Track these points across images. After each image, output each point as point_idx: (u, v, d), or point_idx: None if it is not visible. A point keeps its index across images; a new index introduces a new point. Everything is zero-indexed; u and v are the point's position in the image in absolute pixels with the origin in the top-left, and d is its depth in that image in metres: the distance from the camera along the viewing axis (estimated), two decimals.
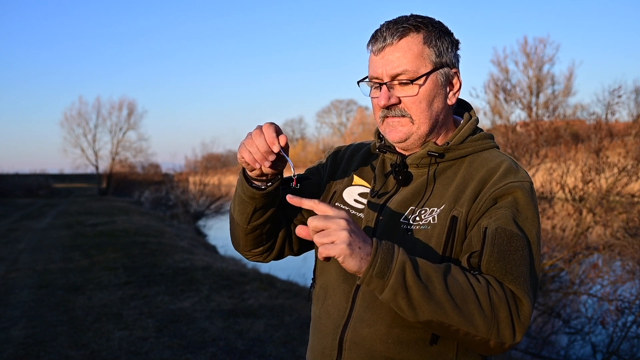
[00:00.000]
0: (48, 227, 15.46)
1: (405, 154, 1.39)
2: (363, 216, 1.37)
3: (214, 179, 25.72)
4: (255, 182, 1.35)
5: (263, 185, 1.34)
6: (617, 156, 7.34)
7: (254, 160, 1.25)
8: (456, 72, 1.35)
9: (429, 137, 1.34)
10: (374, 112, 1.37)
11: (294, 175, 1.28)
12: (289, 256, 1.56)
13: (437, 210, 1.28)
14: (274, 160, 1.25)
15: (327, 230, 1.08)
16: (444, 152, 1.33)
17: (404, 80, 1.28)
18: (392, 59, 1.28)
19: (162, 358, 4.60)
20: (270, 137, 1.22)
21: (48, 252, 10.57)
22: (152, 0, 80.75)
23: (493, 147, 1.38)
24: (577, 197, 7.43)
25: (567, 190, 7.53)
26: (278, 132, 1.23)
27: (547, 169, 7.79)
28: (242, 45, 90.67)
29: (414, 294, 1.10)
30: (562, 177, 7.51)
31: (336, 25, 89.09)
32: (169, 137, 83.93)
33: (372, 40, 1.33)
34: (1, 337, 5.18)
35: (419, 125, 1.31)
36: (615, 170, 7.18)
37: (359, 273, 1.11)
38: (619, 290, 6.55)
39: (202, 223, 21.28)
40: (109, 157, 41.04)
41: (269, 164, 1.24)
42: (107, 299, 6.59)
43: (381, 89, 1.30)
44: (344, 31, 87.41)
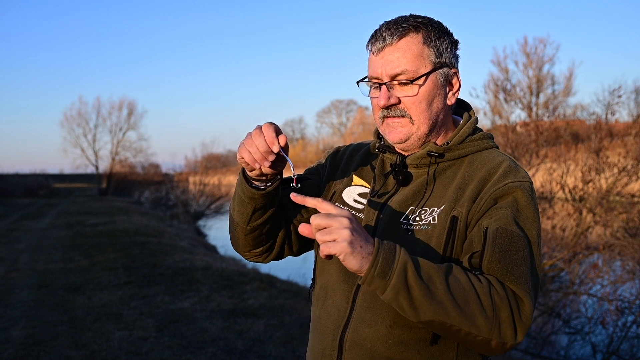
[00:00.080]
0: (48, 227, 15.45)
1: (405, 154, 1.38)
2: (363, 216, 1.37)
3: (214, 179, 25.73)
4: (255, 182, 1.35)
5: (263, 185, 1.34)
6: (617, 156, 7.33)
7: (253, 161, 1.25)
8: (455, 72, 1.36)
9: (428, 137, 1.34)
10: (373, 112, 1.37)
11: (294, 175, 1.28)
12: (289, 256, 1.56)
13: (437, 210, 1.28)
14: (274, 160, 1.25)
15: (330, 228, 1.09)
16: (443, 152, 1.33)
17: (404, 81, 1.28)
18: (392, 59, 1.28)
19: (162, 358, 4.60)
20: (270, 137, 1.21)
21: (48, 252, 10.57)
22: (152, 0, 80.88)
23: (492, 147, 1.38)
24: (577, 197, 7.42)
25: (567, 190, 7.52)
26: (278, 132, 1.23)
27: (547, 169, 7.79)
28: (242, 45, 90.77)
29: (415, 294, 1.10)
30: (562, 177, 7.50)
31: (336, 25, 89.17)
32: (169, 137, 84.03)
33: (372, 41, 1.32)
34: (1, 337, 5.18)
35: (418, 126, 1.31)
36: (615, 170, 7.17)
37: (360, 272, 1.11)
38: (619, 290, 6.54)
39: (202, 223, 21.28)
40: (109, 157, 41.09)
41: (269, 164, 1.24)
42: (107, 299, 6.59)
43: (381, 89, 1.30)
44: (344, 31, 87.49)
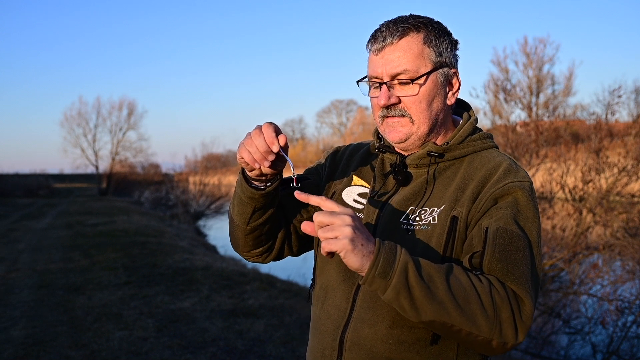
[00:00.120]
0: (48, 227, 15.45)
1: (405, 154, 1.38)
2: (363, 216, 1.37)
3: (214, 179, 25.73)
4: (255, 182, 1.34)
5: (262, 185, 1.34)
6: (617, 156, 7.33)
7: (253, 160, 1.25)
8: (455, 72, 1.36)
9: (428, 137, 1.34)
10: (373, 112, 1.37)
11: (294, 174, 1.28)
12: (289, 256, 1.55)
13: (437, 210, 1.27)
14: (274, 160, 1.24)
15: (332, 225, 1.09)
16: (443, 152, 1.33)
17: (404, 80, 1.28)
18: (392, 59, 1.28)
19: (162, 358, 4.60)
20: (270, 137, 1.21)
21: (48, 252, 10.57)
22: (152, 0, 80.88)
23: (492, 147, 1.38)
24: (577, 197, 7.42)
25: (567, 190, 7.52)
26: (277, 132, 1.23)
27: (547, 169, 7.78)
28: (242, 45, 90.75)
29: (416, 294, 1.10)
30: (562, 177, 7.50)
31: (336, 25, 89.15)
32: (169, 137, 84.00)
33: (372, 40, 1.32)
34: (1, 337, 5.18)
35: (418, 125, 1.31)
36: (615, 170, 7.17)
37: (361, 271, 1.11)
38: (619, 290, 6.54)
39: (202, 223, 21.28)
40: (109, 157, 41.09)
41: (269, 164, 1.24)
42: (107, 299, 6.59)
43: (381, 88, 1.30)
44: (344, 31, 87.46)
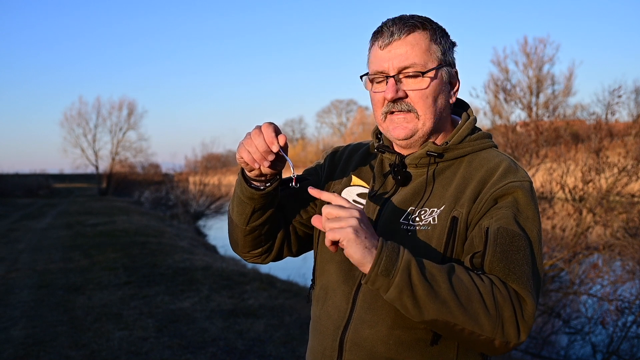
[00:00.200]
0: (48, 227, 15.45)
1: (404, 154, 1.38)
2: None
3: (214, 179, 25.72)
4: (254, 182, 1.34)
5: (262, 185, 1.34)
6: (617, 156, 7.33)
7: (253, 160, 1.25)
8: (456, 72, 1.37)
9: (431, 135, 1.34)
10: (375, 108, 1.36)
11: (294, 174, 1.28)
12: (288, 257, 1.55)
13: (437, 210, 1.27)
14: (273, 160, 1.25)
15: (339, 217, 1.11)
16: (442, 152, 1.33)
17: (412, 73, 1.28)
18: (401, 52, 1.28)
19: (162, 358, 4.60)
20: (270, 136, 1.21)
21: (48, 252, 10.57)
22: (152, 0, 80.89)
23: (491, 147, 1.38)
24: (577, 197, 7.41)
25: (567, 190, 7.51)
26: (277, 131, 1.23)
27: (547, 169, 7.78)
28: (242, 45, 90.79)
29: (419, 292, 1.10)
30: (562, 177, 7.50)
31: (336, 25, 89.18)
32: (169, 137, 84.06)
33: (377, 35, 1.32)
34: (1, 337, 5.18)
35: (424, 121, 1.31)
36: (615, 170, 7.17)
37: (361, 264, 1.11)
38: (619, 290, 6.54)
39: (202, 223, 21.28)
40: (109, 157, 41.11)
41: (268, 163, 1.24)
42: (107, 299, 6.59)
43: (387, 82, 1.29)
44: (344, 31, 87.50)
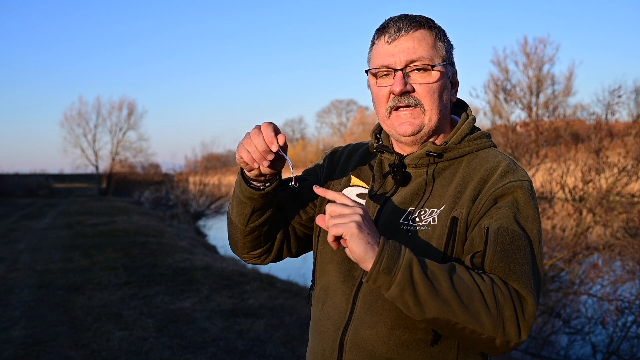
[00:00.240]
0: (48, 227, 15.45)
1: (404, 154, 1.38)
2: None
3: (214, 179, 25.72)
4: (254, 182, 1.34)
5: (261, 185, 1.34)
6: (617, 156, 7.32)
7: (252, 160, 1.25)
8: (456, 72, 1.38)
9: (433, 134, 1.34)
10: (378, 104, 1.34)
11: (293, 174, 1.28)
12: (288, 258, 1.55)
13: (437, 211, 1.27)
14: (273, 159, 1.25)
15: (343, 214, 1.12)
16: (442, 151, 1.33)
17: (420, 67, 1.28)
18: (409, 46, 1.29)
19: (162, 358, 4.60)
20: (269, 136, 1.22)
21: (48, 252, 10.57)
22: (152, 0, 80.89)
23: (490, 146, 1.38)
24: (577, 197, 7.41)
25: (567, 190, 7.51)
26: (276, 131, 1.23)
27: (547, 169, 7.78)
28: (242, 45, 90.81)
29: (420, 291, 1.10)
30: (562, 177, 7.50)
31: (336, 25, 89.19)
32: (169, 137, 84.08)
33: (383, 31, 1.32)
34: (1, 337, 5.18)
35: (430, 117, 1.31)
36: (615, 170, 7.16)
37: (362, 261, 1.11)
38: (619, 290, 6.54)
39: (202, 223, 21.28)
40: (109, 157, 41.11)
41: (268, 163, 1.24)
42: (107, 299, 6.59)
43: (395, 75, 1.29)
44: (344, 31, 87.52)
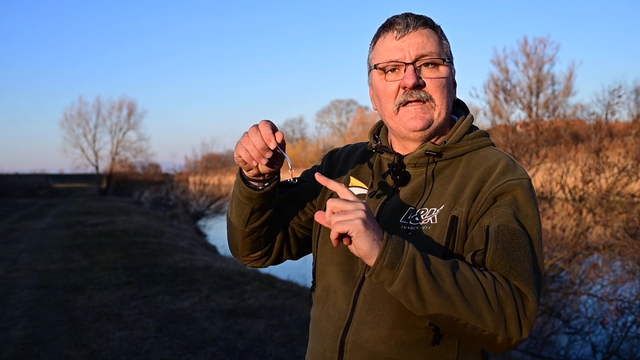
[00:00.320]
0: (48, 227, 15.45)
1: (403, 154, 1.38)
2: None
3: (214, 179, 25.73)
4: (253, 182, 1.35)
5: (260, 185, 1.34)
6: (617, 156, 7.32)
7: (250, 158, 1.25)
8: (455, 72, 1.38)
9: (438, 131, 1.34)
10: (386, 100, 1.33)
11: (291, 170, 1.28)
12: (289, 259, 1.55)
13: (437, 210, 1.27)
14: (271, 157, 1.25)
15: (345, 210, 1.10)
16: (441, 151, 1.33)
17: (430, 61, 1.29)
18: (418, 41, 1.29)
19: (162, 358, 4.60)
20: (267, 134, 1.22)
21: (48, 252, 10.57)
22: (152, 0, 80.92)
23: (489, 145, 1.38)
24: (577, 197, 7.41)
25: (567, 190, 7.51)
26: (274, 129, 1.23)
27: (547, 169, 7.78)
28: (242, 45, 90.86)
29: (423, 286, 1.10)
30: (562, 177, 7.49)
31: (336, 25, 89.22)
32: (169, 137, 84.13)
33: (391, 27, 1.32)
34: (1, 337, 5.18)
35: (439, 112, 1.31)
36: (615, 170, 7.16)
37: (368, 257, 1.10)
38: (619, 290, 6.54)
39: (202, 223, 21.28)
40: (109, 157, 41.10)
41: (266, 161, 1.24)
42: (107, 299, 6.59)
43: (406, 69, 1.29)
44: (344, 31, 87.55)
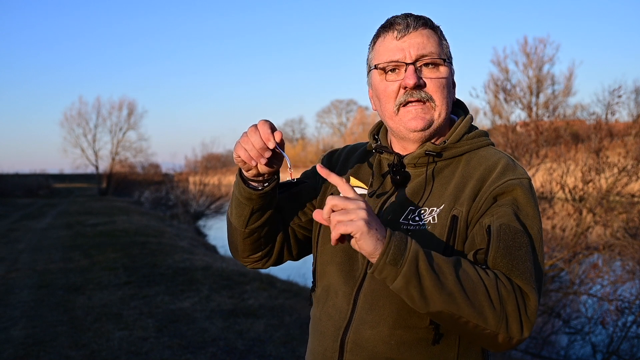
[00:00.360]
0: (48, 227, 15.45)
1: (402, 154, 1.38)
2: None
3: (214, 179, 25.74)
4: (252, 183, 1.35)
5: (260, 185, 1.34)
6: (617, 156, 7.32)
7: (249, 158, 1.25)
8: (454, 72, 1.38)
9: (439, 131, 1.34)
10: (386, 101, 1.33)
11: (290, 169, 1.27)
12: (290, 260, 1.55)
13: (437, 210, 1.27)
14: (270, 157, 1.25)
15: (346, 209, 1.09)
16: (441, 151, 1.33)
17: (431, 61, 1.29)
18: (419, 41, 1.29)
19: (162, 358, 4.60)
20: (266, 133, 1.22)
21: (48, 252, 10.57)
22: (152, 0, 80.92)
23: (489, 145, 1.38)
24: (577, 197, 7.41)
25: (567, 190, 7.51)
26: (273, 128, 1.23)
27: (547, 169, 7.78)
28: (242, 45, 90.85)
29: (426, 283, 1.09)
30: (562, 177, 7.49)
31: (336, 25, 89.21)
32: (169, 137, 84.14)
33: (391, 27, 1.32)
34: (1, 337, 5.18)
35: (439, 112, 1.31)
36: (615, 170, 7.16)
37: (372, 256, 1.10)
38: (619, 290, 6.54)
39: (202, 223, 21.29)
40: (109, 157, 41.10)
41: (265, 161, 1.24)
42: (107, 299, 6.59)
43: (407, 69, 1.29)
44: (344, 31, 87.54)
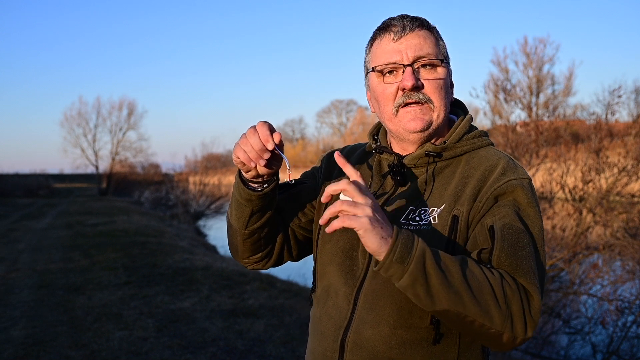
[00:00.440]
0: (48, 227, 15.46)
1: (402, 154, 1.38)
2: None
3: (214, 179, 25.75)
4: (252, 184, 1.35)
5: (259, 187, 1.34)
6: (617, 156, 7.32)
7: (249, 159, 1.25)
8: (452, 72, 1.38)
9: (438, 132, 1.34)
10: (384, 103, 1.33)
11: (289, 170, 1.28)
12: (290, 261, 1.55)
13: (438, 210, 1.27)
14: (269, 158, 1.25)
15: (356, 203, 1.09)
16: (441, 151, 1.33)
17: (428, 62, 1.29)
18: (416, 43, 1.29)
19: (162, 358, 4.60)
20: (264, 134, 1.22)
21: (48, 252, 10.57)
22: (152, 0, 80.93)
23: (489, 145, 1.38)
24: (577, 197, 7.41)
25: (567, 190, 7.51)
26: (272, 130, 1.23)
27: (547, 169, 7.77)
28: (242, 45, 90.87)
29: (432, 281, 1.09)
30: (562, 177, 7.49)
31: (336, 25, 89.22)
32: (169, 137, 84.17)
33: (388, 29, 1.32)
34: (1, 337, 5.18)
35: (438, 113, 1.31)
36: (615, 170, 7.16)
37: (378, 253, 1.10)
38: (619, 290, 6.54)
39: (202, 223, 21.30)
40: (109, 157, 41.11)
41: (264, 162, 1.24)
42: (107, 299, 6.59)
43: (404, 71, 1.29)
44: (344, 31, 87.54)
